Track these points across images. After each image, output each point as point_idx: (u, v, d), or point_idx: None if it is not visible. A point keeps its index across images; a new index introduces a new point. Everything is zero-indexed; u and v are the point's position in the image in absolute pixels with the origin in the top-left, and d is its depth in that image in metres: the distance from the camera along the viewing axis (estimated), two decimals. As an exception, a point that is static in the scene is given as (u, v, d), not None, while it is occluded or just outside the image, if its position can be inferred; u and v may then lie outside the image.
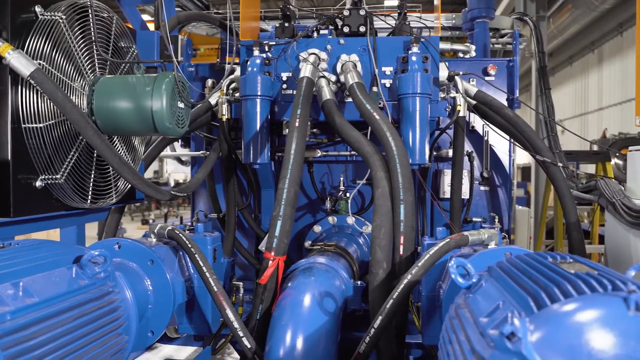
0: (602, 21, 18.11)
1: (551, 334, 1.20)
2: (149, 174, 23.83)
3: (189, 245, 2.75)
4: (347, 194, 4.31)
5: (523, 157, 19.26)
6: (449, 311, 1.90)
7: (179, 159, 5.08)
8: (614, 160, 8.02)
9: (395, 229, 2.87)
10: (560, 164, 3.75)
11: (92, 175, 2.88)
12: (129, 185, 3.17)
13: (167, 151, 4.75)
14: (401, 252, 2.84)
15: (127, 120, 2.82)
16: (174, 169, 5.10)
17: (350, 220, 4.22)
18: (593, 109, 20.88)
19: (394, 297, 2.51)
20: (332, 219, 4.28)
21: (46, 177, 2.58)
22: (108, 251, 2.12)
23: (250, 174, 4.41)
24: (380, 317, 2.52)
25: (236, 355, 3.19)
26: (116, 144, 3.10)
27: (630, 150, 3.74)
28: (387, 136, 3.16)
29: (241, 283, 3.27)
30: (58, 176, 2.63)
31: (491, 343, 1.34)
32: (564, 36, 17.81)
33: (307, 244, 4.15)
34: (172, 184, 20.09)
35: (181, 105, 2.94)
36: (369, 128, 3.59)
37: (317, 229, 4.29)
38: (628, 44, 16.91)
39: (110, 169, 3.00)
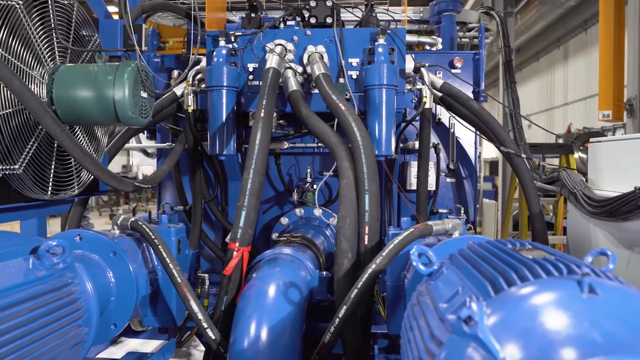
0: (567, 18, 18.43)
1: (507, 317, 1.21)
2: (117, 168, 23.51)
3: (152, 237, 2.71)
4: (314, 186, 4.31)
5: (491, 151, 19.50)
6: (411, 299, 1.91)
7: (144, 152, 5.01)
8: (578, 154, 8.17)
9: (360, 219, 2.88)
10: (524, 156, 3.80)
11: (53, 166, 2.82)
12: (92, 177, 3.11)
13: (132, 143, 4.68)
14: (366, 242, 2.84)
15: (88, 110, 2.77)
16: (140, 161, 5.02)
17: (317, 212, 4.22)
18: (559, 104, 21.25)
19: (359, 286, 2.52)
20: (299, 211, 4.28)
21: (3, 167, 2.51)
22: (69, 243, 2.08)
23: (217, 165, 4.37)
24: (344, 307, 2.53)
25: (202, 347, 3.16)
26: (78, 134, 3.04)
27: (592, 142, 3.81)
28: (353, 127, 3.16)
29: (206, 275, 3.24)
30: (16, 166, 2.56)
31: (449, 328, 1.35)
32: (531, 32, 18.07)
33: (274, 236, 4.14)
34: (140, 177, 19.82)
35: (144, 94, 2.89)
36: (336, 120, 3.59)
37: (284, 221, 4.28)
38: (592, 40, 17.24)
39: (72, 159, 2.94)
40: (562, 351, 1.07)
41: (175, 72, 4.56)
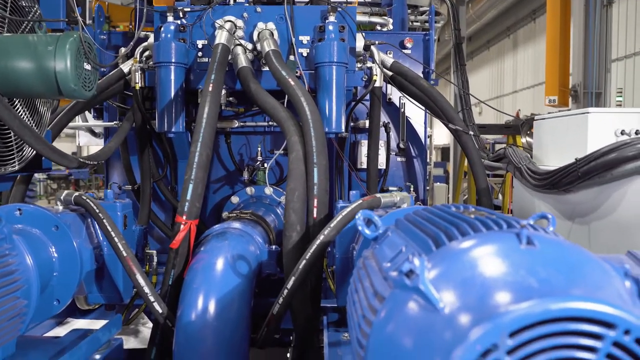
0: (517, 7, 18.83)
1: (448, 269, 1.23)
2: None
3: (97, 210, 2.65)
4: (265, 165, 4.28)
5: (443, 137, 19.82)
6: (357, 264, 1.92)
7: (91, 131, 4.88)
8: (525, 139, 8.37)
9: (309, 193, 2.88)
10: (471, 133, 3.86)
11: (-9, 140, 2.72)
12: (34, 152, 3.01)
13: (79, 122, 4.56)
14: (315, 215, 2.84)
15: (27, 82, 2.67)
16: (87, 141, 4.86)
17: (268, 190, 4.20)
18: (508, 91, 21.72)
19: (307, 257, 2.52)
20: (249, 190, 4.25)
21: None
22: (8, 216, 2.01)
23: (166, 144, 4.30)
24: (293, 278, 2.53)
25: (151, 325, 3.11)
26: (18, 108, 2.93)
27: (536, 120, 3.90)
28: (302, 102, 3.15)
29: (154, 252, 3.18)
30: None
31: (392, 284, 1.36)
32: (482, 21, 18.41)
33: (225, 214, 4.10)
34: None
35: (88, 67, 2.81)
36: (286, 97, 3.57)
37: (235, 199, 4.25)
38: (540, 30, 17.65)
39: (11, 133, 2.83)
40: (498, 296, 1.09)
41: (122, 49, 4.45)
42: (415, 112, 4.67)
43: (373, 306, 1.42)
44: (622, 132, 3.00)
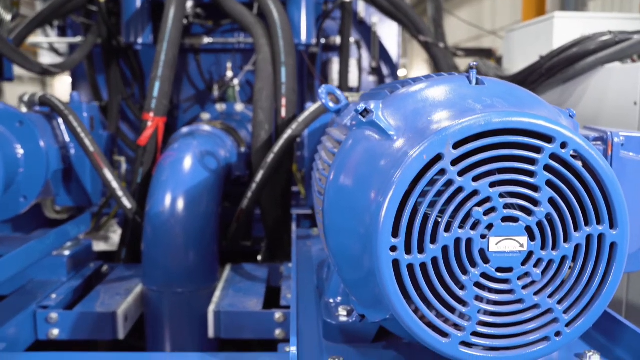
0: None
1: (399, 104, 1.25)
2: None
3: (62, 108, 2.63)
4: (235, 81, 4.25)
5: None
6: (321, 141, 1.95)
7: (55, 50, 4.75)
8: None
9: (277, 92, 2.88)
10: (442, 45, 3.87)
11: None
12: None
13: (40, 38, 4.46)
14: (283, 115, 2.86)
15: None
16: (50, 61, 4.78)
17: (239, 107, 4.18)
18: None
19: (275, 151, 2.56)
20: (219, 107, 4.22)
21: None
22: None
23: (133, 61, 4.22)
24: (262, 172, 2.57)
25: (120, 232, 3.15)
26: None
27: (506, 33, 3.92)
28: (270, 7, 3.12)
29: (123, 158, 3.19)
30: None
31: (348, 128, 1.39)
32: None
33: (194, 129, 4.09)
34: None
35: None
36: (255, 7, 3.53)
37: (205, 116, 4.21)
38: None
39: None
40: (445, 118, 1.13)
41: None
42: (386, 31, 4.66)
43: (331, 151, 1.46)
44: (587, 36, 3.04)
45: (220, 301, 2.35)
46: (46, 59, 4.92)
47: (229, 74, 4.28)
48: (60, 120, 2.75)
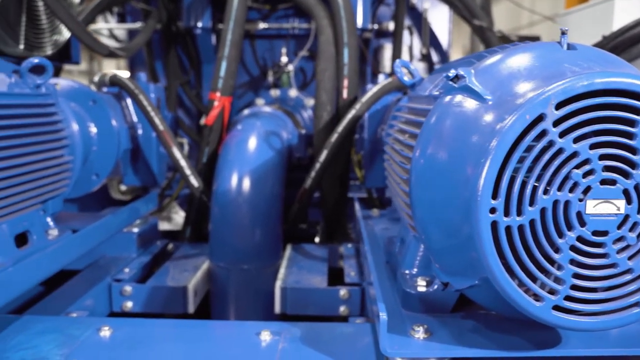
0: None
1: (492, 69, 1.27)
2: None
3: (133, 87, 2.70)
4: (289, 67, 4.30)
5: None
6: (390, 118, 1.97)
7: (114, 36, 4.87)
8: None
9: (339, 73, 2.90)
10: (498, 31, 3.84)
11: (23, 21, 2.75)
12: (66, 39, 3.05)
13: (101, 24, 4.58)
14: (345, 96, 2.88)
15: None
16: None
17: (293, 92, 4.23)
18: (525, 23, 21.20)
19: (339, 131, 2.58)
20: (274, 92, 4.28)
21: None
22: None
23: (191, 48, 4.30)
24: (325, 151, 2.60)
25: (183, 214, 3.22)
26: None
27: (560, 15, 3.86)
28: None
29: (185, 139, 3.26)
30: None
31: (436, 95, 1.41)
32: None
33: (250, 114, 4.14)
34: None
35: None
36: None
37: (260, 101, 4.28)
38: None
39: (43, 18, 2.87)
40: (544, 80, 1.14)
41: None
42: (437, 19, 4.64)
43: (416, 122, 1.47)
44: (652, 19, 2.97)
45: (286, 278, 2.39)
46: (105, 45, 5.02)
47: (284, 59, 4.31)
48: (129, 101, 2.83)
